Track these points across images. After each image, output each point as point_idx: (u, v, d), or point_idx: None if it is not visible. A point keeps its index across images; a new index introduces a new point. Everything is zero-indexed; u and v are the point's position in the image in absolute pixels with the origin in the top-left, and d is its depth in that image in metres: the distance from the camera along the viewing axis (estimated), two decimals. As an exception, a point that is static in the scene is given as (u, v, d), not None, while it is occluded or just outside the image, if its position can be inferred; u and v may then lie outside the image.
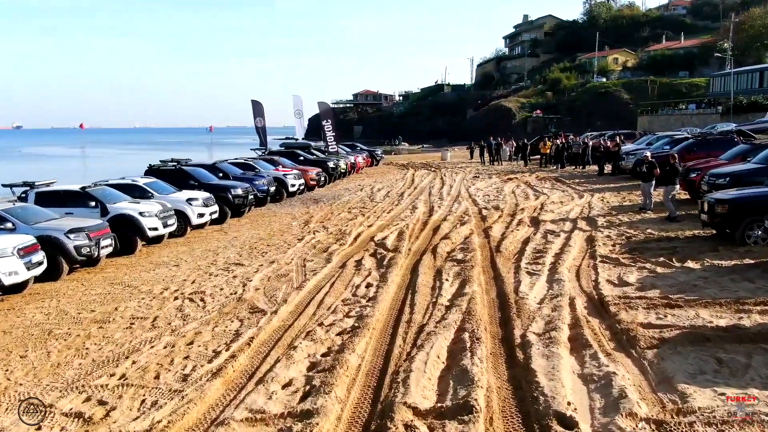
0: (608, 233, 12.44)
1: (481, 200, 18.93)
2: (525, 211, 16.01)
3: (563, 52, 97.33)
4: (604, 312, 7.45)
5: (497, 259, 10.73)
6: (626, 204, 16.58)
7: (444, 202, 18.89)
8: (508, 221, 14.69)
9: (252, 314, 8.27)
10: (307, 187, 23.64)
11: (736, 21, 67.83)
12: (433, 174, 30.34)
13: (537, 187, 21.97)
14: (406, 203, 19.26)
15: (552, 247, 11.40)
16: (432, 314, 7.73)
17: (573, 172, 27.13)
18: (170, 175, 17.29)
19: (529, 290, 8.54)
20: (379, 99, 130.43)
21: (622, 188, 20.11)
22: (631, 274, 9.12)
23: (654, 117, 60.36)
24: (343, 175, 29.29)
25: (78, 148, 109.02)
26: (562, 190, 20.48)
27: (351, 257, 11.57)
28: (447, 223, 14.76)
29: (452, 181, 25.60)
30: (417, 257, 11.29)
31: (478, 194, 20.56)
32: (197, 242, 14.54)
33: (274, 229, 15.81)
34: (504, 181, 24.42)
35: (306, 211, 18.76)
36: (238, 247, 13.43)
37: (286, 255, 12.15)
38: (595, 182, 22.55)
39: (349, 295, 8.97)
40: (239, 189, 17.37)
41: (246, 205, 17.69)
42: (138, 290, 9.99)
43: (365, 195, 22.21)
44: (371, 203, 19.80)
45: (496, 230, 13.52)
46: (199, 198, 15.43)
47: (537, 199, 18.36)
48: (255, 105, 29.68)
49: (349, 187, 25.50)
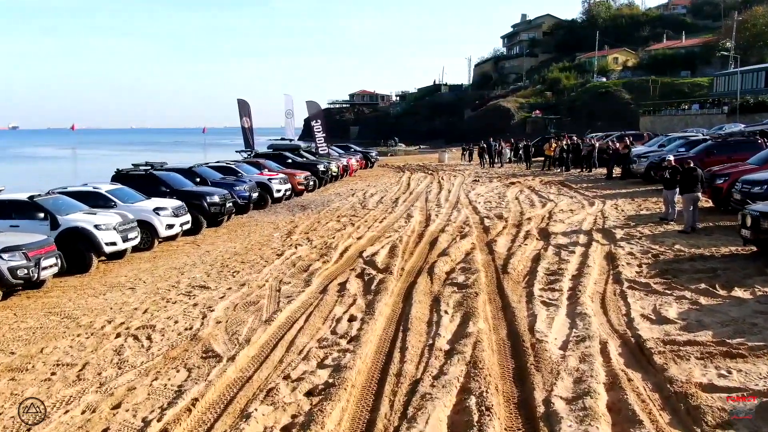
0: (630, 249, 10.85)
1: (483, 207, 17.34)
2: (532, 221, 14.41)
3: (562, 52, 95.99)
4: (648, 364, 5.86)
5: (505, 282, 9.13)
6: (644, 213, 14.99)
7: (442, 210, 17.30)
8: (513, 233, 13.10)
9: (204, 360, 6.66)
10: (294, 192, 22.02)
11: (739, 20, 66.57)
12: (430, 177, 28.74)
13: (542, 192, 20.38)
14: (401, 211, 17.66)
15: (567, 266, 9.81)
16: (428, 363, 6.13)
17: (579, 175, 25.53)
18: (139, 180, 15.66)
19: (547, 328, 6.94)
20: (376, 99, 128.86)
21: (635, 194, 18.53)
22: (669, 306, 7.53)
23: (656, 117, 58.89)
24: (335, 178, 27.67)
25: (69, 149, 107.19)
26: (570, 196, 18.89)
27: (334, 279, 9.96)
28: (445, 235, 13.16)
29: (450, 186, 24.01)
30: (411, 279, 9.69)
31: (478, 200, 18.97)
32: (164, 257, 12.91)
33: (252, 241, 14.19)
34: (506, 186, 22.83)
35: (290, 220, 17.14)
36: (208, 265, 11.80)
37: (260, 275, 10.54)
38: (604, 187, 20.96)
39: (327, 332, 7.36)
40: (216, 196, 15.73)
41: (224, 214, 16.06)
42: (77, 323, 8.35)
43: (357, 201, 20.60)
44: (363, 211, 18.19)
45: (501, 244, 11.92)
46: (168, 207, 13.80)
47: (544, 207, 16.76)
48: (241, 104, 28.00)
49: (341, 192, 23.89)
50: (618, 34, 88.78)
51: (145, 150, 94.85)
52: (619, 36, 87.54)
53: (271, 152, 25.95)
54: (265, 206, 19.62)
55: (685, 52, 77.09)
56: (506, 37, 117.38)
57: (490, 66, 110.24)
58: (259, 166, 21.89)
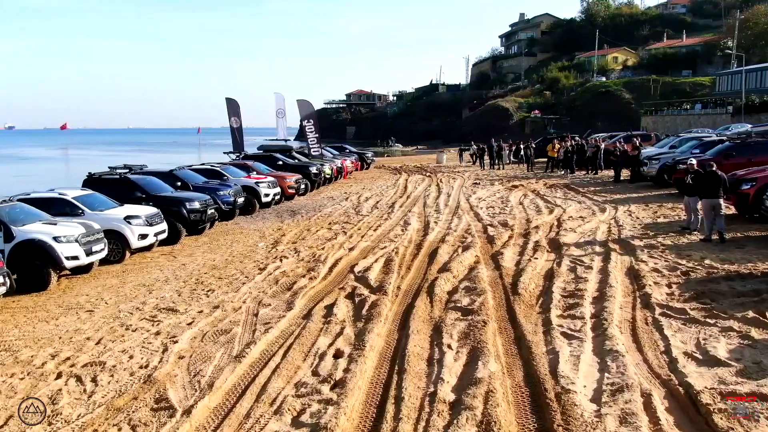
0: (654, 264, 9.64)
1: (485, 213, 16.13)
2: (540, 230, 13.21)
3: (561, 51, 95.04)
4: (707, 427, 4.64)
5: (516, 305, 7.93)
6: (661, 221, 13.79)
7: (441, 216, 16.09)
8: (521, 244, 11.89)
9: (154, 414, 5.43)
10: (284, 196, 20.77)
11: (741, 18, 65.55)
12: (428, 180, 27.52)
13: (548, 196, 19.17)
14: (397, 217, 16.44)
15: (586, 286, 8.61)
16: (429, 422, 4.92)
17: (585, 178, 24.32)
18: (113, 185, 14.40)
19: (572, 371, 5.73)
20: (373, 99, 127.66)
21: (648, 199, 17.34)
22: (716, 340, 6.32)
23: (658, 117, 57.82)
24: (328, 181, 26.41)
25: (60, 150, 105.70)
26: (578, 201, 17.68)
27: (321, 300, 8.74)
28: (446, 245, 11.96)
29: (450, 189, 22.80)
30: (408, 301, 8.48)
31: (480, 205, 17.76)
32: (134, 272, 11.66)
33: (234, 252, 12.96)
34: (509, 189, 21.61)
35: (278, 227, 15.90)
36: (182, 281, 10.57)
37: (238, 294, 9.32)
38: (613, 191, 19.75)
39: (307, 372, 6.15)
40: (196, 202, 14.48)
41: (205, 222, 14.81)
42: (15, 358, 7.11)
43: (351, 206, 19.37)
44: (356, 217, 16.96)
45: (509, 257, 10.72)
46: (142, 215, 12.55)
47: (551, 213, 15.55)
48: (230, 103, 26.69)
49: (334, 196, 22.65)
50: (617, 33, 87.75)
51: (138, 151, 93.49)
52: (618, 35, 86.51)
53: (261, 154, 24.68)
54: (252, 212, 18.36)
55: (686, 52, 76.10)
56: (504, 36, 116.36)
57: (488, 65, 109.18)
58: (247, 168, 20.64)
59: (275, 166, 22.81)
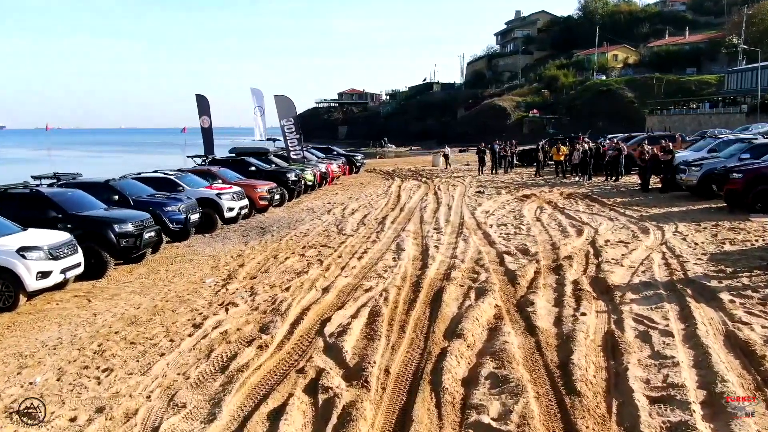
0: (762, 327, 6.54)
1: (497, 234, 13.01)
2: (574, 261, 10.09)
3: (558, 49, 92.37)
4: None
5: (579, 420, 4.80)
6: (730, 249, 10.66)
7: (443, 237, 12.96)
8: (554, 285, 8.78)
9: None
10: (255, 208, 17.57)
11: (749, 13, 62.96)
12: (424, 186, 24.39)
13: (568, 210, 16.07)
14: (389, 238, 13.30)
15: (679, 373, 5.49)
16: None
17: (605, 186, 21.21)
18: (21, 202, 11.17)
19: None
20: (366, 98, 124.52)
21: (694, 215, 14.25)
22: None
23: (665, 117, 54.97)
24: (311, 188, 23.22)
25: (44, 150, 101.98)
26: (608, 218, 14.55)
27: (266, 397, 5.58)
28: (452, 285, 8.85)
29: (450, 199, 19.66)
30: (400, 402, 5.36)
31: (489, 222, 14.64)
32: (21, 327, 8.44)
33: (171, 293, 9.77)
34: (519, 200, 18.48)
35: (239, 253, 12.70)
36: (77, 347, 7.37)
37: (145, 380, 6.15)
38: (645, 203, 16.61)
39: None
40: (129, 224, 11.25)
41: (140, 248, 11.55)
42: None
43: (333, 221, 16.20)
44: (338, 237, 13.81)
45: (543, 310, 7.61)
46: (43, 246, 9.32)
47: (581, 235, 12.43)
48: (199, 101, 23.42)
49: (315, 207, 19.46)
50: (616, 30, 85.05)
51: (121, 151, 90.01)
52: (617, 33, 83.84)
53: (232, 158, 21.42)
54: (213, 229, 15.18)
55: (689, 49, 73.38)
56: (500, 34, 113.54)
57: (484, 64, 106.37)
58: (210, 176, 17.43)
59: (247, 173, 19.59)
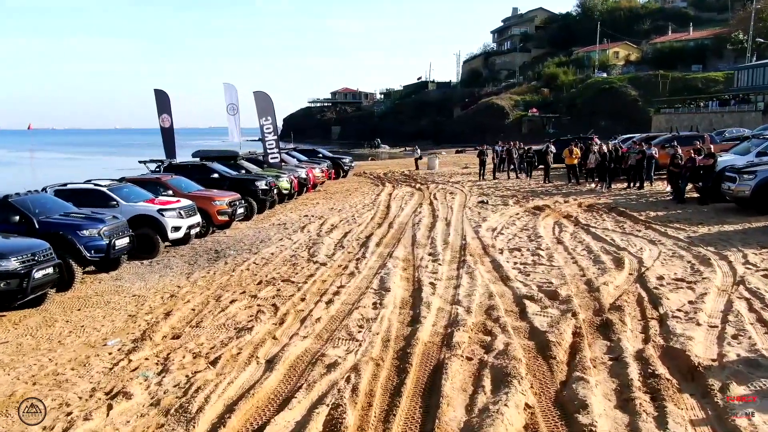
0: None
1: (511, 265, 10.05)
2: (625, 314, 7.12)
3: (557, 47, 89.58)
4: None
5: None
6: (840, 293, 7.74)
7: (441, 269, 9.99)
8: (608, 364, 5.83)
9: None
10: (214, 224, 14.57)
11: (758, 7, 60.30)
12: (418, 194, 21.42)
13: (594, 227, 13.09)
14: (371, 269, 10.32)
15: None
16: None
17: (629, 195, 18.20)
18: None
19: None
20: (359, 97, 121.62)
21: (754, 234, 11.29)
22: None
23: (673, 116, 52.03)
24: (288, 197, 20.19)
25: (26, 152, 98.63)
26: (648, 239, 11.54)
27: None
28: (456, 363, 5.94)
29: (448, 211, 16.68)
30: None
31: (498, 245, 11.66)
32: None
33: (50, 366, 6.77)
34: (531, 213, 15.50)
35: (172, 292, 9.68)
36: None
37: None
38: (686, 218, 13.57)
39: None
40: (12, 260, 8.22)
41: (26, 291, 8.46)
42: None
43: (305, 242, 13.20)
44: (307, 266, 10.82)
45: (603, 423, 4.66)
46: None
47: (621, 268, 9.43)
48: (159, 97, 20.24)
49: (288, 222, 16.44)
50: (616, 27, 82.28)
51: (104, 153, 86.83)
52: (617, 29, 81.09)
53: (193, 163, 18.31)
54: (154, 254, 12.17)
55: (693, 45, 70.62)
56: (496, 32, 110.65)
57: (480, 62, 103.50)
58: (159, 186, 14.41)
59: (208, 181, 16.56)
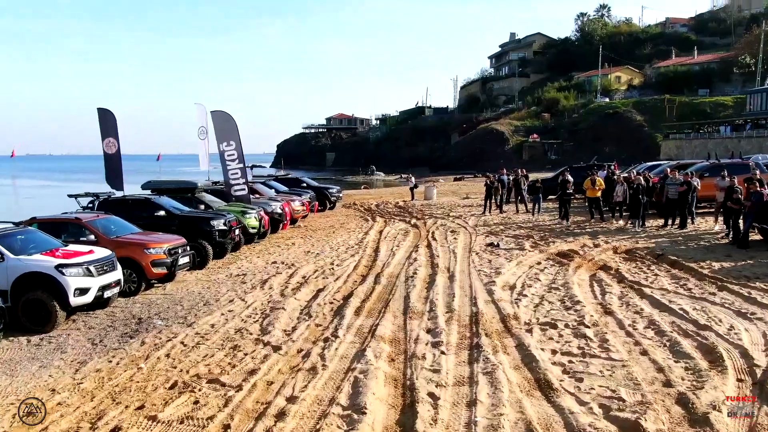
0: None
1: (548, 356, 6.75)
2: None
3: (556, 72, 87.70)
4: None
5: None
6: None
7: (445, 364, 6.67)
8: None
9: None
10: (146, 280, 11.20)
11: (766, 30, 58.17)
12: (413, 232, 18.14)
13: (648, 286, 9.78)
14: (342, 358, 6.99)
15: None
16: None
17: (672, 236, 14.93)
18: None
19: None
20: (355, 123, 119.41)
21: None
22: None
23: (684, 142, 49.28)
24: (259, 236, 16.85)
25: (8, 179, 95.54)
26: (735, 309, 8.23)
27: None
28: None
29: (450, 257, 13.37)
30: None
31: (524, 317, 8.35)
32: None
33: None
34: (557, 263, 12.21)
35: (34, 404, 6.33)
36: None
37: None
38: (764, 273, 10.40)
39: None
40: None
41: None
42: None
43: (259, 308, 9.83)
44: (253, 352, 7.47)
45: None
46: None
47: (722, 367, 6.15)
48: (103, 117, 16.96)
49: (249, 272, 13.06)
50: (616, 52, 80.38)
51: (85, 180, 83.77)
52: (617, 54, 79.14)
53: (136, 197, 14.99)
54: (47, 327, 8.82)
55: (699, 69, 68.38)
56: (494, 57, 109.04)
57: (478, 87, 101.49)
58: (79, 229, 11.12)
59: (152, 220, 13.28)
